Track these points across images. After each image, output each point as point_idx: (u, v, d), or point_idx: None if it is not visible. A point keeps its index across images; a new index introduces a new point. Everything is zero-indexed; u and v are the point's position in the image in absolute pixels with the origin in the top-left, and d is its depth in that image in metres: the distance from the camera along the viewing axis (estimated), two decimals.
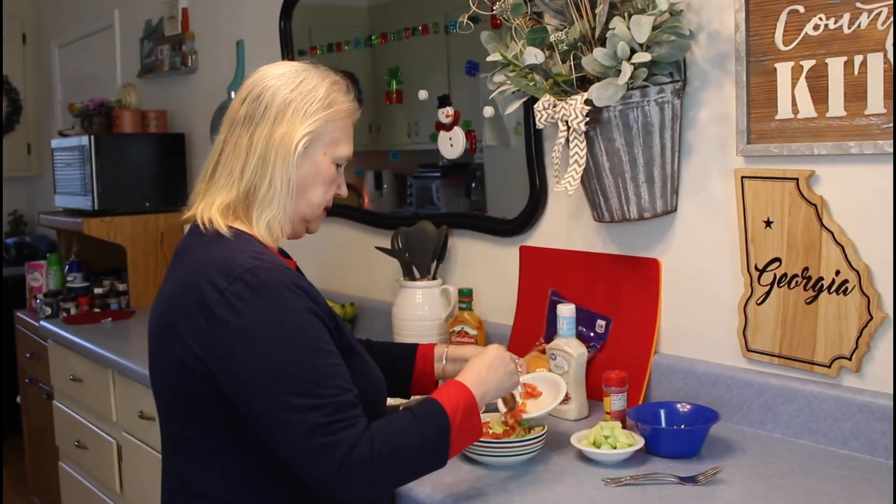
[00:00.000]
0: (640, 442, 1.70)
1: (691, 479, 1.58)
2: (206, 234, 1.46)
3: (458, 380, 1.54)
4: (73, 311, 3.56)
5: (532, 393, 1.81)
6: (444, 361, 1.82)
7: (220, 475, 1.45)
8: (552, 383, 1.84)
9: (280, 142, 1.46)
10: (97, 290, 3.65)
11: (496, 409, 1.78)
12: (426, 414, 1.44)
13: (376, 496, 1.51)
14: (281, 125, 1.46)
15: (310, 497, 1.44)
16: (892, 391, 1.67)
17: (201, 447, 1.45)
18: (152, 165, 3.73)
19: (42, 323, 3.46)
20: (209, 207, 1.48)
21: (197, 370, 1.39)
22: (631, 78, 1.77)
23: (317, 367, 1.36)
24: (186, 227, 1.57)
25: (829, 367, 1.74)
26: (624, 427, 1.78)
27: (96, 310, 3.57)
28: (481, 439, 1.66)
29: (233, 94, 3.33)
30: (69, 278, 3.77)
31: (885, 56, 1.59)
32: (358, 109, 1.57)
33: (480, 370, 1.58)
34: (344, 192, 1.58)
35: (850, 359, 1.71)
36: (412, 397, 1.88)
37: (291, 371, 1.34)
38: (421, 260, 2.50)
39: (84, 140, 3.58)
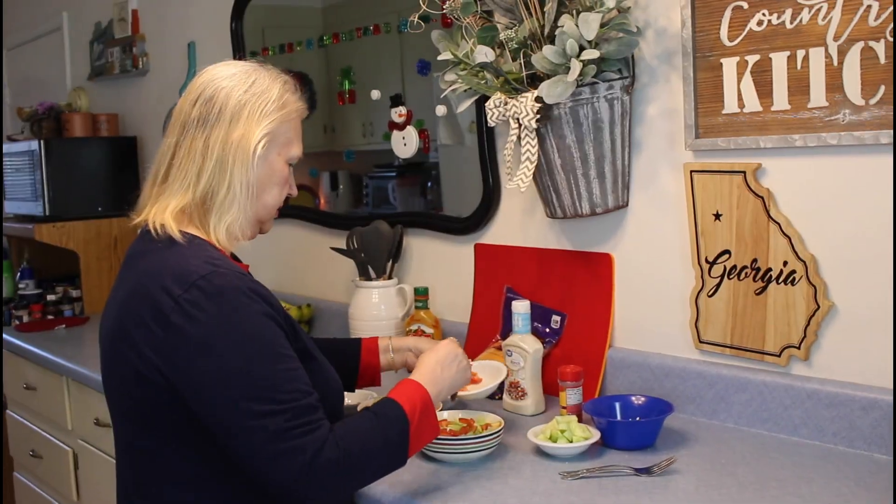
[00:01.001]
0: (595, 435, 1.72)
1: (647, 471, 1.60)
2: (157, 239, 1.44)
3: (414, 378, 1.55)
4: (25, 319, 3.51)
5: (473, 379, 1.85)
6: (390, 353, 1.84)
7: (179, 483, 1.43)
8: (493, 369, 1.91)
9: (238, 144, 1.44)
10: (50, 297, 3.60)
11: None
12: (386, 415, 1.44)
13: (339, 499, 1.51)
14: (237, 127, 1.45)
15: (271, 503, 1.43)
16: (841, 378, 1.70)
17: (160, 455, 1.43)
18: (104, 169, 3.68)
19: None
20: (161, 212, 1.46)
21: (154, 379, 1.37)
22: (580, 75, 1.78)
23: (276, 373, 1.35)
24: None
25: (779, 356, 1.77)
26: (580, 421, 1.80)
27: (49, 317, 3.52)
28: (439, 437, 1.67)
29: None
30: (21, 285, 3.71)
31: (826, 51, 1.62)
32: (307, 109, 1.57)
33: (434, 369, 1.59)
34: (294, 191, 1.57)
35: (798, 348, 1.74)
36: (356, 391, 1.91)
37: (250, 377, 1.33)
38: (376, 260, 2.50)
39: (34, 145, 3.52)
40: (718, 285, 1.85)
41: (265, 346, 1.36)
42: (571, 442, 1.69)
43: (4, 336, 3.26)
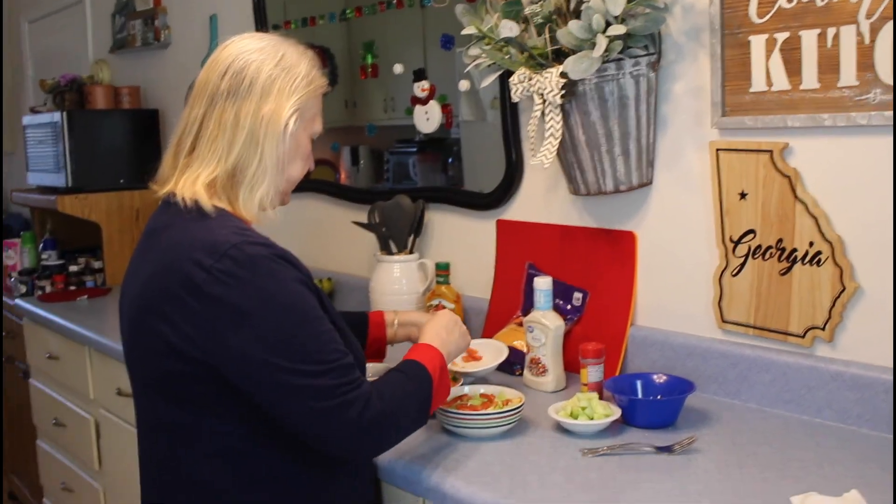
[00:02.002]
0: (616, 413, 1.72)
1: (667, 449, 1.60)
2: (185, 211, 1.43)
3: (430, 343, 1.59)
4: (48, 290, 3.54)
5: (473, 356, 1.95)
6: (395, 326, 1.88)
7: (204, 458, 1.43)
8: (495, 349, 1.98)
9: (269, 119, 1.45)
10: (72, 268, 3.63)
11: None
12: (415, 374, 1.51)
13: (382, 451, 1.55)
14: (268, 101, 1.45)
15: (303, 477, 1.45)
16: (865, 360, 1.69)
17: (188, 429, 1.43)
18: (126, 142, 3.70)
19: (17, 301, 3.43)
20: (192, 184, 1.45)
21: (187, 352, 1.37)
22: (606, 51, 1.77)
23: (317, 335, 1.38)
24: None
25: (803, 337, 1.76)
26: (601, 398, 1.80)
27: (72, 287, 3.54)
28: (459, 411, 1.68)
29: None
30: (44, 256, 3.74)
31: (858, 29, 1.60)
32: (329, 84, 1.57)
33: (440, 333, 1.65)
34: (313, 165, 1.60)
35: (823, 329, 1.73)
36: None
37: (293, 341, 1.35)
38: (398, 234, 2.50)
39: (56, 116, 3.54)
40: (743, 265, 1.84)
41: (303, 310, 1.38)
42: (592, 419, 1.70)
43: (28, 306, 3.29)
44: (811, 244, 1.72)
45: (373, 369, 1.98)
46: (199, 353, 1.37)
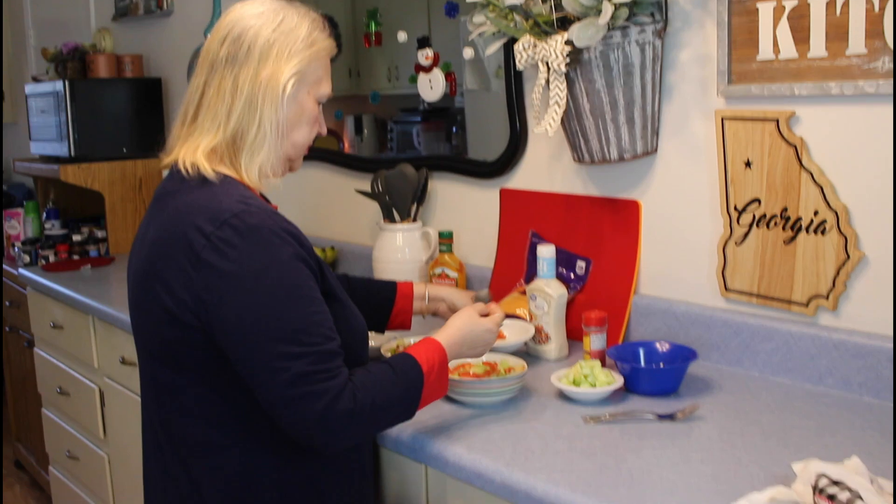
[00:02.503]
0: (619, 380, 1.72)
1: (669, 417, 1.60)
2: (189, 179, 1.43)
3: (437, 339, 1.55)
4: (51, 259, 3.54)
5: (499, 335, 1.88)
6: (425, 300, 1.86)
7: (207, 423, 1.45)
8: (521, 328, 1.97)
9: (267, 83, 1.43)
10: (76, 238, 3.63)
11: None
12: (405, 372, 1.46)
13: (347, 447, 1.50)
14: (266, 66, 1.44)
15: (295, 447, 1.45)
16: (868, 329, 1.69)
17: (187, 394, 1.45)
18: (129, 111, 3.68)
19: (21, 271, 3.43)
20: (193, 152, 1.45)
21: (184, 319, 1.38)
22: (612, 18, 1.75)
23: (304, 315, 1.36)
24: (165, 173, 1.55)
25: (807, 306, 1.76)
26: (603, 366, 1.80)
27: (75, 257, 3.55)
28: (462, 379, 1.69)
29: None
30: (47, 226, 3.75)
31: None
32: (335, 47, 1.55)
33: (462, 340, 1.60)
34: (324, 130, 1.57)
35: (826, 298, 1.73)
36: (386, 332, 1.94)
37: (279, 318, 1.34)
38: (401, 203, 2.49)
39: (58, 85, 3.53)
40: (747, 234, 1.83)
41: (295, 288, 1.36)
42: (595, 386, 1.70)
43: (31, 275, 3.29)
44: (816, 213, 1.72)
45: (381, 339, 1.99)
46: (194, 319, 1.37)
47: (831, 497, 1.19)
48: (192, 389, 1.44)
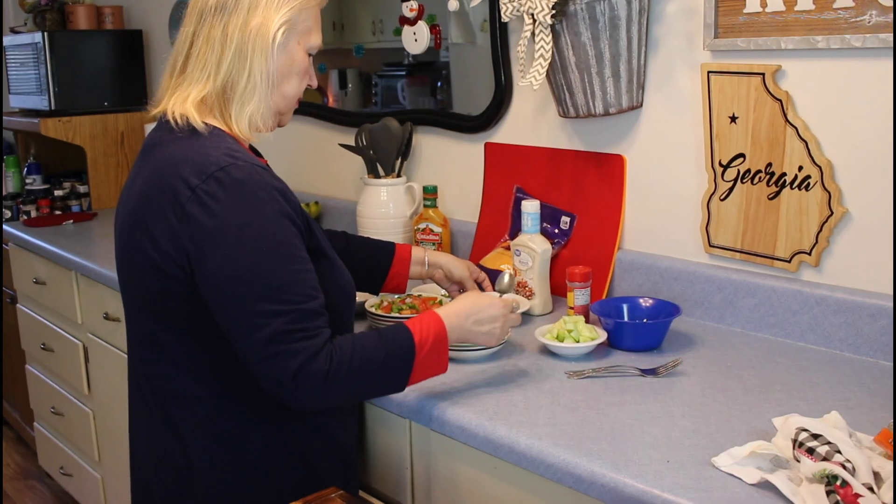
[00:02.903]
0: (602, 336, 1.72)
1: (652, 372, 1.61)
2: (177, 129, 1.41)
3: (440, 313, 1.50)
4: (33, 214, 3.51)
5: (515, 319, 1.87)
6: (424, 266, 1.85)
7: (188, 374, 1.45)
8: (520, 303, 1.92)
9: (257, 32, 1.41)
10: (57, 193, 3.60)
11: None
12: (395, 341, 1.41)
13: (322, 409, 1.49)
14: (255, 15, 1.41)
15: (278, 405, 1.44)
16: (850, 285, 1.70)
17: (171, 346, 1.44)
18: (110, 63, 3.63)
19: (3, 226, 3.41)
20: (182, 102, 1.43)
21: (169, 271, 1.37)
22: None
23: (285, 272, 1.34)
24: (148, 127, 1.52)
25: (790, 261, 1.76)
26: (587, 321, 1.81)
27: (57, 212, 3.52)
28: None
29: None
30: (28, 181, 3.71)
31: None
32: None
33: (467, 317, 1.52)
34: (315, 82, 1.54)
35: (809, 253, 1.73)
36: (380, 294, 1.91)
37: (260, 274, 1.32)
38: (385, 157, 2.48)
39: (37, 37, 3.47)
40: (731, 189, 1.83)
41: (278, 245, 1.35)
42: (578, 342, 1.70)
43: (13, 230, 3.26)
44: (800, 168, 1.71)
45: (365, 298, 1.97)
46: (178, 271, 1.36)
47: (811, 450, 1.20)
48: (177, 342, 1.44)
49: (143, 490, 1.57)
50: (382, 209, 2.43)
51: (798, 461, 1.22)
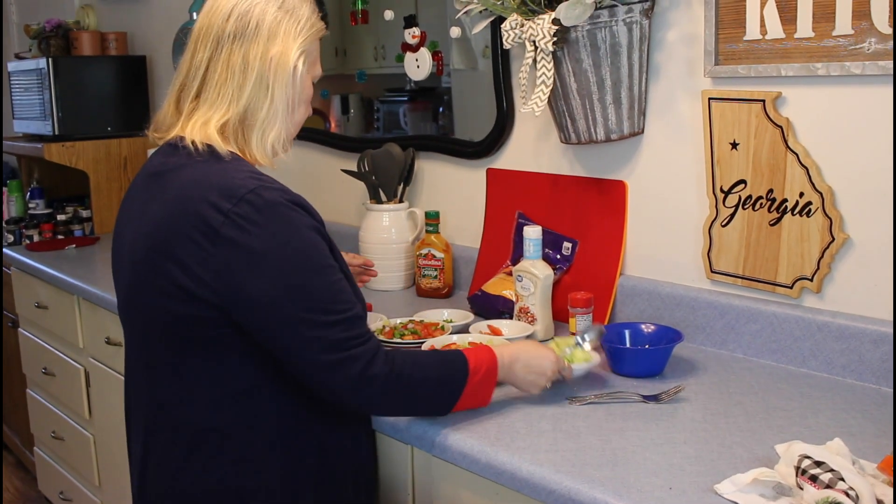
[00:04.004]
0: (595, 358, 1.69)
1: (654, 398, 1.61)
2: (196, 154, 1.42)
3: (495, 351, 1.55)
4: (35, 238, 3.52)
5: (496, 332, 1.93)
6: None
7: (207, 401, 1.42)
8: (520, 328, 1.95)
9: (278, 61, 1.44)
10: (60, 217, 3.60)
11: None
12: (451, 361, 1.49)
13: (383, 415, 1.57)
14: (275, 43, 1.44)
15: (310, 422, 1.46)
16: (852, 311, 1.70)
17: (190, 372, 1.42)
18: (113, 89, 3.65)
19: (4, 250, 3.41)
20: (204, 126, 1.44)
21: (200, 295, 1.35)
22: None
23: (329, 284, 1.38)
24: (150, 151, 1.53)
25: (791, 287, 1.76)
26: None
27: (60, 236, 3.52)
28: None
29: (195, 15, 3.25)
30: (31, 205, 3.72)
31: None
32: (324, 28, 1.55)
33: (517, 362, 1.57)
34: (310, 110, 1.58)
35: (811, 280, 1.73)
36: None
37: (307, 290, 1.35)
38: (387, 183, 2.48)
39: (42, 63, 3.49)
40: (732, 215, 1.83)
41: (317, 259, 1.38)
42: (572, 363, 1.67)
43: (15, 255, 3.27)
44: (801, 194, 1.72)
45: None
46: (212, 296, 1.35)
47: (813, 478, 1.20)
48: (201, 367, 1.42)
49: None
50: (384, 234, 2.43)
51: (801, 488, 1.21)
